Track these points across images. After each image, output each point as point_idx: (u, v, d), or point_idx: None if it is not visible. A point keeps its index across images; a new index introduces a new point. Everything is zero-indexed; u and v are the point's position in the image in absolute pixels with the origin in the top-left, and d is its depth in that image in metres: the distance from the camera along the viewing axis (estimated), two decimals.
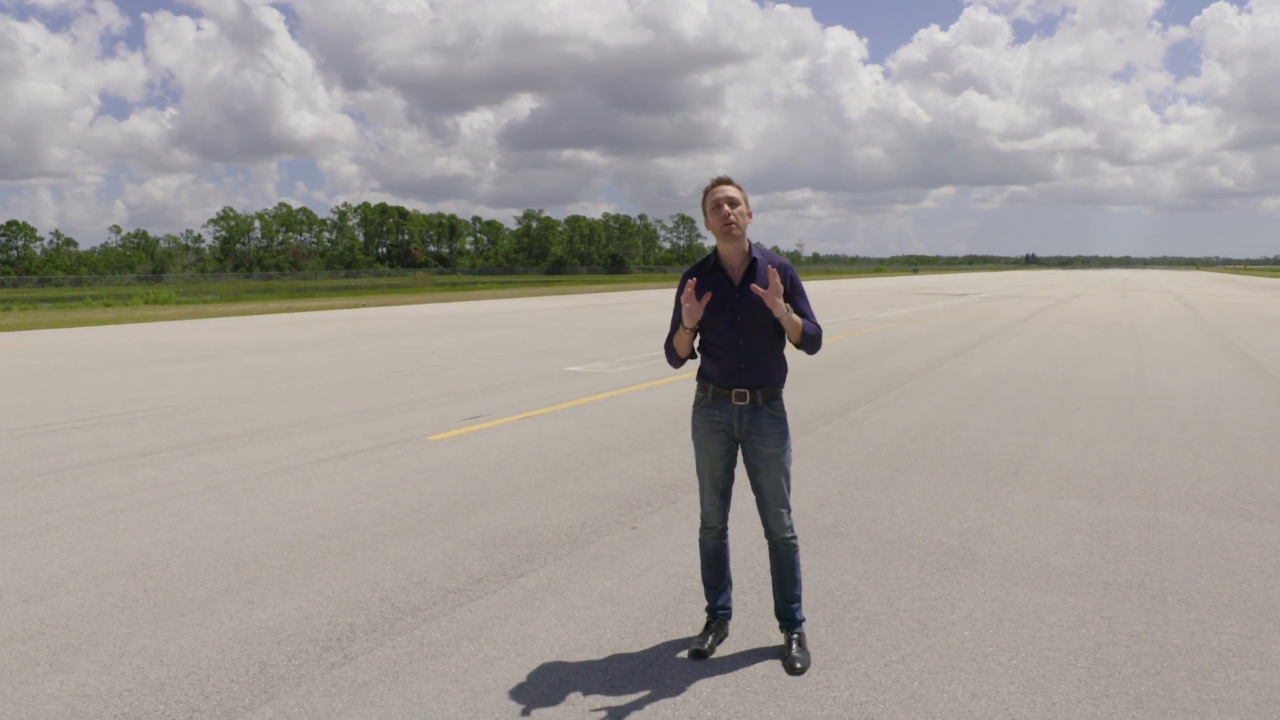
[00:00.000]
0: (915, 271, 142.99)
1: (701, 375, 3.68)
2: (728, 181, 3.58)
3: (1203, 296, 39.19)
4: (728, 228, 3.55)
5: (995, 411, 9.16)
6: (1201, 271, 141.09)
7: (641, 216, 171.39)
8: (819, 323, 3.66)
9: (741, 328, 3.55)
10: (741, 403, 3.59)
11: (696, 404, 3.70)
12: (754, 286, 3.46)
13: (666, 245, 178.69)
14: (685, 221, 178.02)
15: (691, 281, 3.54)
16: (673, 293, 46.04)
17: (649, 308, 30.39)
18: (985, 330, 19.59)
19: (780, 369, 3.64)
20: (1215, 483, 6.39)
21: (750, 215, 3.60)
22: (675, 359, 3.65)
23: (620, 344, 16.55)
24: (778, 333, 3.60)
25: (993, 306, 30.14)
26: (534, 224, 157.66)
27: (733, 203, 3.56)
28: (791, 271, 3.62)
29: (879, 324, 21.48)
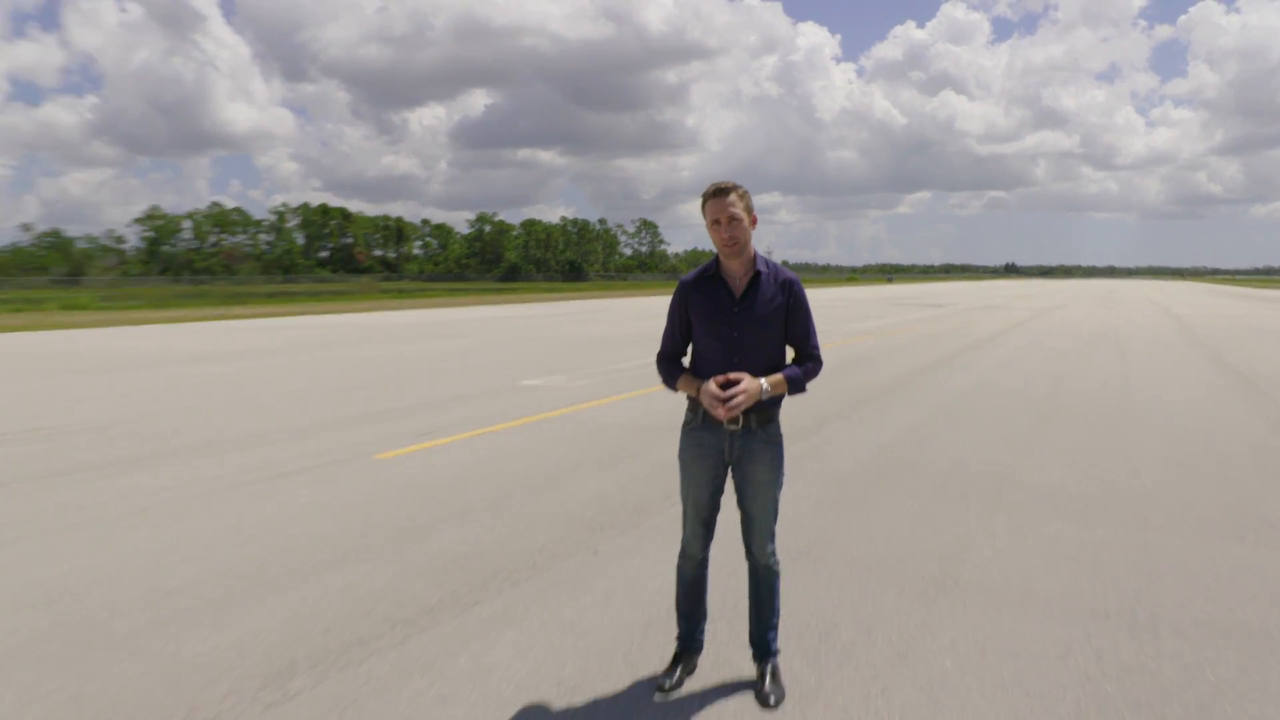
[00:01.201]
0: (890, 281, 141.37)
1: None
2: (728, 190, 3.47)
3: (1189, 307, 39.64)
4: (729, 248, 3.50)
5: (974, 427, 9.16)
6: (1189, 282, 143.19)
7: (601, 221, 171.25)
8: (818, 344, 3.61)
9: (738, 345, 3.50)
10: (734, 426, 3.53)
11: (685, 425, 3.65)
12: (718, 399, 3.36)
13: (628, 251, 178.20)
14: (648, 226, 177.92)
15: (716, 388, 3.42)
16: (639, 302, 45.86)
17: (609, 318, 30.18)
18: (963, 342, 19.67)
19: None
20: (1206, 503, 6.40)
21: (755, 220, 3.52)
22: (672, 386, 3.63)
23: (579, 356, 16.40)
24: (777, 352, 3.56)
25: (971, 317, 30.29)
26: (487, 228, 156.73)
27: (734, 220, 3.47)
28: (797, 288, 3.57)
29: (852, 335, 21.46)
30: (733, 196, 3.46)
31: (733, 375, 3.36)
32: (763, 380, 3.42)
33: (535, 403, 10.71)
